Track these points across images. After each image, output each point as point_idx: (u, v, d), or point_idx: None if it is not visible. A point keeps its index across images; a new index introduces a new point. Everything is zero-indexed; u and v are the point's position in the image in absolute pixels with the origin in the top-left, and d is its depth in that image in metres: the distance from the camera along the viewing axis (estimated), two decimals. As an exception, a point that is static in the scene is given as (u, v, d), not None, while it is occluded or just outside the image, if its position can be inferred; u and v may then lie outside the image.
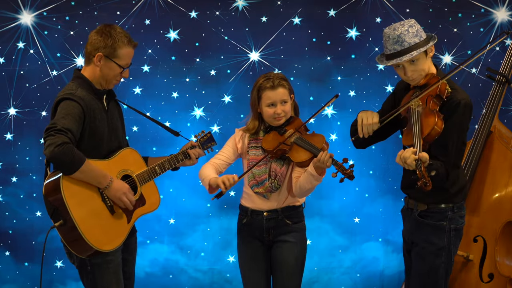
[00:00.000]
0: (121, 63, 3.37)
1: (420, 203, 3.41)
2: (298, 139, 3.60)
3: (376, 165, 5.10)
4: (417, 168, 3.03)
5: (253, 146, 3.70)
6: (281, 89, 3.61)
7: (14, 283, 5.13)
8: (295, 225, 3.68)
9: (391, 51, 3.30)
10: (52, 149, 3.08)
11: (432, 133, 3.16)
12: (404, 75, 3.34)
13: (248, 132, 3.74)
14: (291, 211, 3.68)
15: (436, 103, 3.25)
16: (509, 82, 4.27)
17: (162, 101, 5.06)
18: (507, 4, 5.00)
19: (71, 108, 3.23)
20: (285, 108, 3.64)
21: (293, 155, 3.58)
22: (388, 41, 3.30)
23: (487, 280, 4.17)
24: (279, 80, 3.62)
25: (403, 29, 3.27)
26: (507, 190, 4.15)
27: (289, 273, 3.65)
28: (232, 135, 3.81)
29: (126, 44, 3.37)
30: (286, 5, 5.03)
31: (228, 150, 3.77)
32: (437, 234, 3.37)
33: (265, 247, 3.70)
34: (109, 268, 3.35)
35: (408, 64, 3.29)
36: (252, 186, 3.66)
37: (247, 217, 3.71)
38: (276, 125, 3.68)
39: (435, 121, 3.16)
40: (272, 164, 3.64)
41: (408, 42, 3.26)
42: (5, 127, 5.04)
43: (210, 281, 5.17)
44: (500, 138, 4.23)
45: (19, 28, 4.98)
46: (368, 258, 5.17)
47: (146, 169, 3.52)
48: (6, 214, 5.09)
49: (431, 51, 3.35)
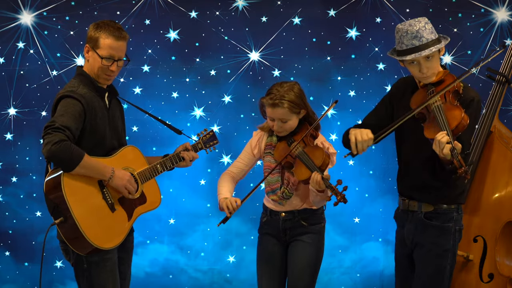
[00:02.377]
0: (102, 53, 3.33)
1: (425, 204, 3.38)
2: (302, 153, 3.56)
3: (376, 165, 5.10)
4: (454, 156, 3.02)
5: (268, 152, 3.70)
6: (279, 109, 3.55)
7: (14, 283, 5.13)
8: (311, 227, 3.68)
9: (408, 46, 3.26)
10: (50, 147, 3.08)
11: (460, 126, 3.15)
12: (419, 72, 3.30)
13: (263, 130, 3.74)
14: (308, 213, 3.68)
15: (455, 98, 3.26)
16: (509, 82, 4.26)
17: (162, 101, 5.06)
18: (507, 4, 5.00)
19: (71, 106, 3.23)
20: (284, 126, 3.60)
21: (296, 171, 3.57)
22: (405, 36, 3.27)
23: (487, 280, 4.16)
24: (279, 100, 3.53)
25: (420, 25, 3.26)
26: (507, 190, 4.14)
27: (300, 273, 3.65)
28: (250, 139, 3.80)
29: (107, 34, 3.33)
30: (286, 5, 5.03)
31: (245, 156, 3.77)
32: (443, 235, 3.36)
33: (282, 246, 3.72)
34: (105, 266, 3.34)
35: (424, 60, 3.27)
36: (268, 193, 3.69)
37: (267, 216, 3.74)
38: (279, 135, 3.67)
39: (462, 115, 3.16)
40: (286, 173, 3.65)
41: (426, 38, 3.25)
42: (5, 127, 5.04)
43: (210, 281, 5.17)
44: (500, 138, 4.22)
45: (19, 28, 4.98)
46: (368, 258, 5.17)
47: (147, 167, 3.51)
48: (6, 214, 5.09)
49: (443, 50, 3.35)
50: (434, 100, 3.23)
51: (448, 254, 3.36)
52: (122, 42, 3.37)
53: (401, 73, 5.04)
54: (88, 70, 3.39)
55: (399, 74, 5.03)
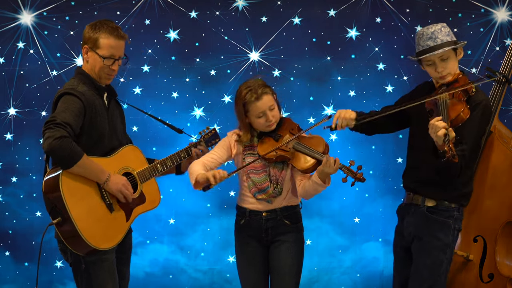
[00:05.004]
0: (102, 53, 3.34)
1: (428, 198, 3.47)
2: (297, 144, 3.57)
3: (376, 165, 5.10)
4: (445, 142, 3.12)
5: (249, 153, 3.67)
6: (265, 96, 3.57)
7: (14, 283, 5.13)
8: (293, 225, 3.68)
9: (423, 47, 3.41)
10: (50, 142, 3.08)
11: (459, 118, 3.27)
12: (435, 71, 3.43)
13: (242, 143, 3.69)
14: (290, 211, 3.67)
15: (463, 96, 3.36)
16: (509, 82, 4.26)
17: (162, 101, 5.06)
18: (507, 4, 5.00)
19: (71, 103, 3.23)
20: (274, 113, 3.61)
21: (296, 162, 3.56)
22: (421, 38, 3.42)
23: (487, 280, 4.16)
24: (262, 89, 3.57)
25: (436, 27, 3.41)
26: (507, 190, 4.14)
27: (287, 273, 3.64)
28: (225, 137, 3.76)
29: (107, 34, 3.33)
30: (286, 5, 5.03)
31: (221, 150, 3.71)
32: (444, 230, 3.45)
33: (263, 247, 3.70)
34: (104, 266, 3.34)
35: (439, 60, 3.40)
36: (254, 194, 3.65)
37: (245, 217, 3.71)
38: (268, 131, 3.66)
39: (463, 108, 3.27)
40: (271, 170, 3.63)
41: (441, 39, 3.38)
42: (5, 127, 5.04)
43: (210, 281, 5.16)
44: (500, 138, 4.22)
45: (19, 28, 4.98)
46: (368, 258, 5.17)
47: (147, 166, 3.51)
48: (6, 214, 5.09)
49: (461, 53, 3.48)
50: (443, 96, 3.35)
51: (446, 249, 3.44)
52: (122, 41, 3.38)
53: (401, 73, 5.04)
54: (88, 70, 3.39)
55: (399, 74, 5.03)
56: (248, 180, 3.64)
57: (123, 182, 3.34)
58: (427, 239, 3.45)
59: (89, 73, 3.39)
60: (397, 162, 5.03)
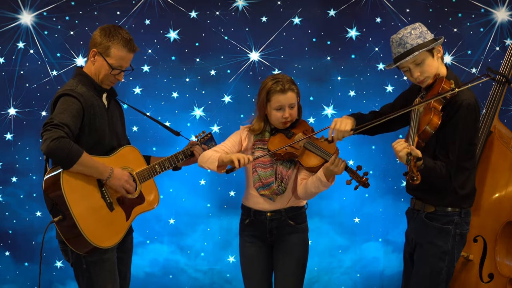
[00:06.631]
0: (112, 62, 3.35)
1: (427, 204, 3.41)
2: (309, 143, 3.58)
3: (376, 165, 5.10)
4: (407, 161, 3.04)
5: (259, 147, 3.68)
6: (290, 93, 3.59)
7: (14, 283, 5.13)
8: (298, 226, 3.68)
9: (395, 54, 3.32)
10: (48, 144, 3.08)
11: (426, 130, 3.17)
12: (411, 77, 3.35)
13: (253, 132, 3.71)
14: (295, 212, 3.68)
15: (439, 101, 3.25)
16: (509, 82, 4.26)
17: (162, 101, 5.06)
18: (507, 4, 5.00)
19: (69, 104, 3.24)
20: (292, 112, 3.63)
21: (304, 160, 3.57)
22: (392, 45, 3.33)
23: (487, 280, 4.16)
24: (289, 84, 3.60)
25: (405, 32, 3.29)
26: (507, 190, 4.14)
27: (291, 274, 3.64)
28: (237, 130, 3.79)
29: (121, 46, 3.35)
30: (286, 5, 5.03)
31: (232, 144, 3.72)
32: (442, 237, 3.37)
33: (267, 247, 3.70)
34: (104, 266, 3.35)
35: (414, 65, 3.29)
36: (258, 188, 3.65)
37: (250, 217, 3.71)
38: (282, 128, 3.67)
39: (430, 118, 3.17)
40: (278, 167, 3.64)
41: (410, 43, 3.27)
42: (5, 127, 5.04)
43: (210, 281, 5.17)
44: (500, 138, 4.22)
45: (19, 28, 4.98)
46: (368, 258, 5.17)
47: (146, 167, 3.52)
48: (6, 214, 5.09)
49: (439, 52, 3.34)
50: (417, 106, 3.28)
51: (445, 256, 3.36)
52: (133, 54, 3.41)
53: (401, 73, 5.04)
54: (91, 73, 3.39)
55: (399, 74, 5.03)
56: (254, 174, 3.64)
57: (126, 177, 3.35)
58: (426, 246, 3.38)
59: (92, 75, 3.39)
60: (397, 162, 5.03)
